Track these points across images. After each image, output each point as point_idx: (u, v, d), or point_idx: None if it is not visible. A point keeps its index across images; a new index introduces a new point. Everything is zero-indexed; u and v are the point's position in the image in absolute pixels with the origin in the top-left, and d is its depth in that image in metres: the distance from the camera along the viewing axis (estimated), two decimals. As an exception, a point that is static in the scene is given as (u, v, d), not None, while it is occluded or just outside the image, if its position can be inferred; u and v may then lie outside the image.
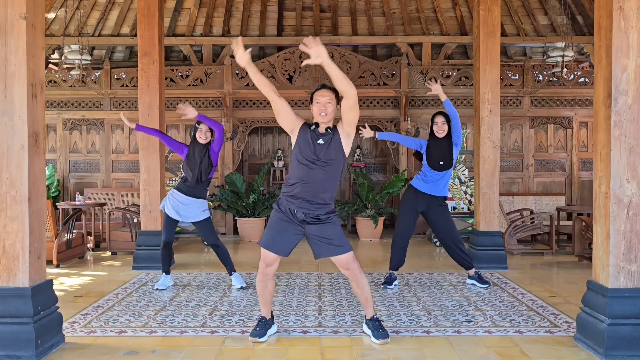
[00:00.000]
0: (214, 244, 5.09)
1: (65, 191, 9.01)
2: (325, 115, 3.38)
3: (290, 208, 3.43)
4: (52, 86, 8.88)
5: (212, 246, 5.11)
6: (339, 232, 3.47)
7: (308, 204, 3.40)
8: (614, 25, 3.22)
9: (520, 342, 3.56)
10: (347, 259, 3.45)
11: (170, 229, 5.04)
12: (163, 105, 6.28)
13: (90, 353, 3.38)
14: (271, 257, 3.50)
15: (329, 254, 3.48)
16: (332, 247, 3.44)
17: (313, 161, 3.36)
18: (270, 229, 3.50)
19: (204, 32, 9.29)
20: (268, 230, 3.51)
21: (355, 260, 3.50)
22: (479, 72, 6.02)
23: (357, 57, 8.82)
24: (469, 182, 8.42)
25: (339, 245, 3.44)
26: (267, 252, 3.49)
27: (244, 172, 10.01)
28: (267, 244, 3.48)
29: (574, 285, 5.21)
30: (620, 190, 3.25)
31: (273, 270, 3.55)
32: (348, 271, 3.50)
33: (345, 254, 3.45)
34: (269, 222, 3.54)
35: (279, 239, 3.46)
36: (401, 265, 5.18)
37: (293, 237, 3.47)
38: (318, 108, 3.39)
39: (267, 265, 3.51)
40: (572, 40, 8.54)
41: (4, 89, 3.22)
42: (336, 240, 3.44)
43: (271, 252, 3.48)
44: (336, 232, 3.45)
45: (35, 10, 3.32)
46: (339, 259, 3.47)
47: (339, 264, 3.51)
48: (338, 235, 3.45)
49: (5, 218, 3.23)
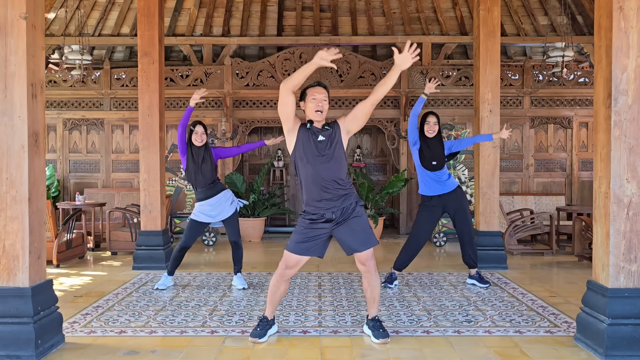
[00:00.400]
0: (236, 242, 5.07)
1: (65, 191, 9.01)
2: (321, 113, 3.37)
3: (318, 213, 3.40)
4: (52, 86, 8.88)
5: (233, 243, 5.07)
6: (365, 224, 3.45)
7: (332, 202, 3.38)
8: (614, 25, 3.22)
9: (520, 342, 3.56)
10: (367, 254, 3.45)
11: (195, 234, 4.99)
12: (163, 105, 6.28)
13: (90, 353, 3.38)
14: (294, 260, 3.47)
15: (356, 249, 3.43)
16: (359, 241, 3.40)
17: (318, 158, 3.35)
18: (295, 234, 3.48)
19: (204, 32, 9.28)
20: (294, 236, 3.49)
21: (373, 258, 3.49)
22: (479, 72, 6.02)
23: (357, 57, 8.82)
24: (469, 182, 8.42)
25: (366, 239, 3.42)
26: (290, 255, 3.47)
27: (244, 172, 10.00)
28: (292, 247, 3.45)
29: (574, 285, 5.21)
30: (620, 190, 3.25)
31: (292, 274, 3.54)
32: (364, 266, 3.48)
33: (369, 248, 3.44)
34: (297, 229, 3.50)
35: (305, 245, 3.44)
36: (405, 266, 5.20)
37: (319, 241, 3.44)
38: (314, 104, 3.36)
39: (287, 267, 3.50)
40: (572, 40, 8.53)
41: (4, 89, 3.22)
42: (362, 233, 3.42)
43: (298, 255, 3.44)
44: (362, 225, 3.43)
45: (35, 10, 3.32)
46: (360, 255, 3.45)
47: (358, 259, 3.49)
48: (364, 227, 3.44)
49: (5, 218, 3.23)
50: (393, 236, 8.65)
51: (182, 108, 8.74)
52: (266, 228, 8.91)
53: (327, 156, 3.35)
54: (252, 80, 8.71)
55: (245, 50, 9.80)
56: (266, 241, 8.24)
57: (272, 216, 9.56)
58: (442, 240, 7.74)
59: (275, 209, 8.47)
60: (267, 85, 8.70)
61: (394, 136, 8.79)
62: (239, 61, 8.80)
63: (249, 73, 8.71)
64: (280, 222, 9.84)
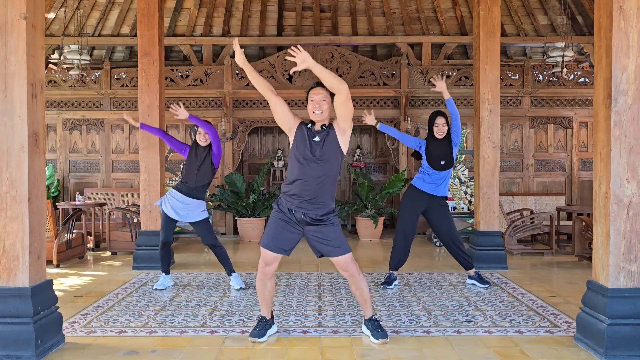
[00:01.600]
0: (212, 244, 5.07)
1: (65, 191, 9.01)
2: (320, 112, 3.37)
3: (289, 208, 3.43)
4: (52, 86, 8.88)
5: (210, 246, 5.09)
6: (338, 233, 3.46)
7: (307, 204, 3.40)
8: (614, 25, 3.22)
9: (520, 342, 3.56)
10: (345, 260, 3.45)
11: (169, 228, 5.04)
12: (163, 105, 6.28)
13: (90, 353, 3.38)
14: (270, 256, 3.50)
15: (328, 255, 3.49)
16: (330, 247, 3.45)
17: (310, 159, 3.36)
18: (269, 229, 3.51)
19: (204, 32, 9.29)
20: (267, 230, 3.52)
21: (353, 262, 3.49)
22: (479, 72, 6.01)
23: (357, 57, 8.82)
24: (469, 182, 8.42)
25: (337, 247, 3.44)
26: (267, 252, 3.50)
27: (244, 172, 10.01)
28: (266, 243, 3.49)
29: (574, 285, 5.21)
30: (620, 190, 3.25)
31: (272, 270, 3.55)
32: (346, 272, 3.50)
33: (343, 255, 3.44)
34: (269, 222, 3.55)
35: (277, 238, 3.47)
36: (401, 265, 5.18)
37: (292, 236, 3.48)
38: (312, 106, 3.39)
39: (266, 264, 3.52)
40: (572, 40, 8.54)
41: (4, 89, 3.22)
42: (334, 241, 3.44)
43: (270, 251, 3.48)
44: (335, 233, 3.45)
45: (35, 10, 3.32)
46: (337, 260, 3.47)
47: (337, 265, 3.51)
48: (337, 236, 3.45)
49: (5, 218, 3.23)
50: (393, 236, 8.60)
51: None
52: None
53: (317, 157, 3.36)
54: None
55: (245, 50, 9.74)
56: (266, 241, 8.22)
57: (272, 216, 9.55)
58: (442, 241, 7.72)
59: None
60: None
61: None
62: (239, 61, 8.79)
63: (249, 73, 8.69)
64: (280, 222, 9.82)
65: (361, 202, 8.31)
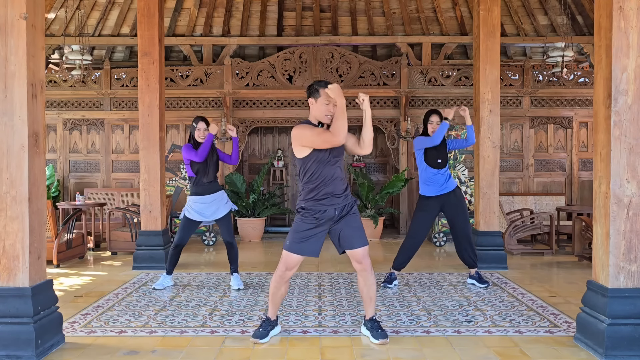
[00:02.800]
0: (230, 242, 5.07)
1: (65, 191, 9.01)
2: (330, 117, 3.41)
3: (320, 209, 3.44)
4: (52, 86, 8.88)
5: (227, 243, 5.08)
6: (361, 222, 3.59)
7: (336, 198, 3.46)
8: (614, 25, 3.22)
9: (520, 342, 3.56)
10: (364, 252, 3.52)
11: (188, 231, 5.00)
12: (163, 105, 6.28)
13: (90, 353, 3.38)
14: (295, 260, 3.49)
15: (350, 247, 3.51)
16: (356, 237, 3.50)
17: (329, 159, 3.44)
18: (297, 234, 3.48)
19: (204, 32, 9.28)
20: (295, 235, 3.48)
21: (368, 256, 3.54)
22: (479, 72, 6.02)
23: (357, 57, 8.82)
24: (469, 182, 8.42)
25: (361, 237, 3.53)
26: (292, 256, 3.48)
27: (244, 172, 10.00)
28: (297, 247, 3.47)
29: (574, 285, 5.21)
30: (620, 190, 3.25)
31: (291, 274, 3.57)
32: (360, 264, 3.52)
33: (364, 246, 3.52)
34: (295, 228, 3.51)
35: (308, 242, 3.47)
36: (404, 266, 5.21)
37: (320, 238, 3.51)
38: (327, 109, 3.40)
39: (287, 268, 3.52)
40: (572, 40, 8.53)
41: (4, 89, 3.22)
42: (360, 230, 3.54)
43: (301, 255, 3.47)
44: (360, 222, 3.57)
45: (35, 10, 3.32)
46: (357, 252, 3.50)
47: (354, 258, 3.53)
48: (361, 225, 3.57)
49: (5, 218, 3.23)
50: (393, 236, 8.64)
51: (182, 108, 8.75)
52: (266, 228, 8.91)
53: (334, 155, 3.46)
54: (252, 80, 8.70)
55: (245, 50, 9.80)
56: (266, 241, 8.23)
57: (272, 216, 9.57)
58: (442, 240, 7.73)
59: (275, 209, 8.47)
60: (267, 85, 8.70)
61: (394, 136, 8.79)
62: (239, 61, 8.80)
63: (249, 73, 8.70)
64: (280, 222, 9.85)
65: (361, 202, 8.31)
